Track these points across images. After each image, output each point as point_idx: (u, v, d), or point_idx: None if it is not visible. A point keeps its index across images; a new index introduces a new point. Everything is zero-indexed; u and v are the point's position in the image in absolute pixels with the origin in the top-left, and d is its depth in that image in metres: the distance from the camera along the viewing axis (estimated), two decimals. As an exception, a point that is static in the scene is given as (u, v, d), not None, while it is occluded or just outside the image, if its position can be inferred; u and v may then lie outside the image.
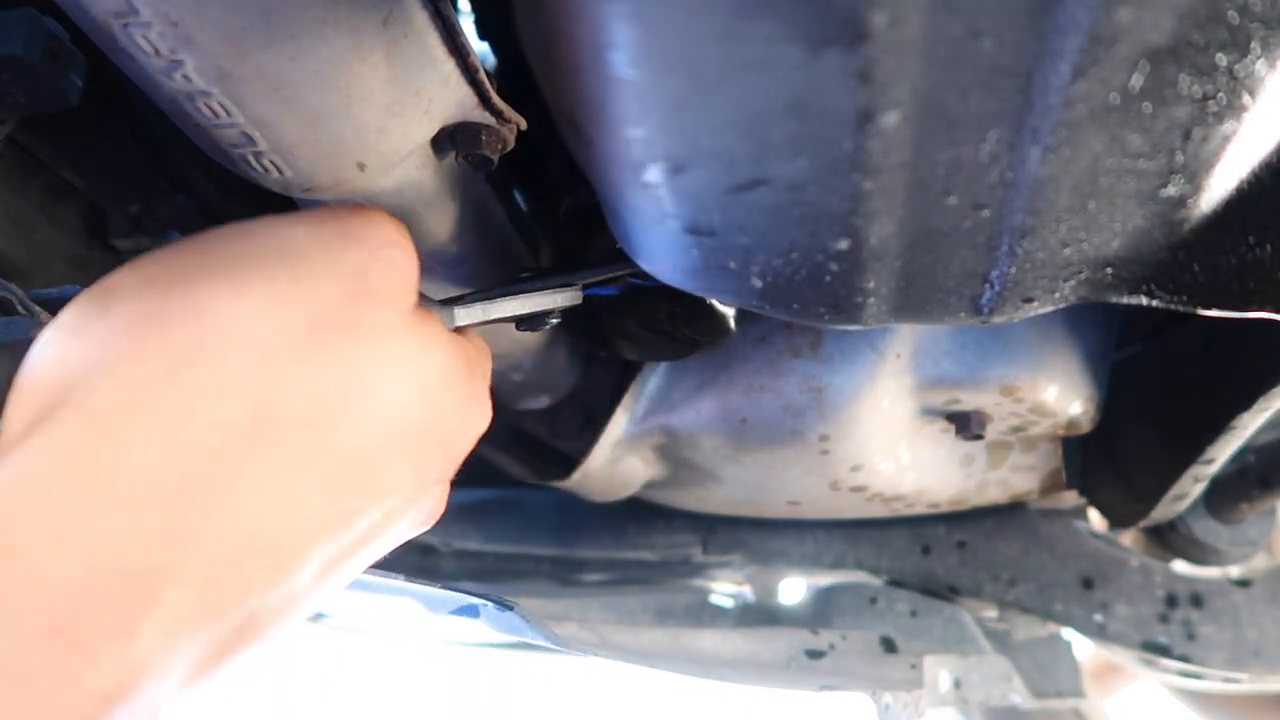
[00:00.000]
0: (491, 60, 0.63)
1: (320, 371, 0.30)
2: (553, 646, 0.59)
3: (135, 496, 0.26)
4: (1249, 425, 0.57)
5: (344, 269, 0.32)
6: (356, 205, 0.35)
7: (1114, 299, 0.37)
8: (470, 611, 0.57)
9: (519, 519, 0.94)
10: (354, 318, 0.31)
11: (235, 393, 0.28)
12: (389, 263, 0.33)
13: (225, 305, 0.29)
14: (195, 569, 0.27)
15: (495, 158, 0.41)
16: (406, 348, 0.33)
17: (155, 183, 0.56)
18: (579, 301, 0.49)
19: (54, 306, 0.43)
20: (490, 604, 0.57)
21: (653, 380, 0.69)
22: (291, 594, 0.30)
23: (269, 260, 0.30)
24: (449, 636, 0.70)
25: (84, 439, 0.26)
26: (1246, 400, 0.55)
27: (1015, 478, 0.77)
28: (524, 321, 0.46)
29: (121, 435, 0.27)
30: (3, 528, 0.24)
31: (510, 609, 0.57)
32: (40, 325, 0.31)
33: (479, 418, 0.39)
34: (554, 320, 0.47)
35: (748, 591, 0.89)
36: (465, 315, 0.40)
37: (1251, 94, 0.27)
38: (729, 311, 0.55)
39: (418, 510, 0.36)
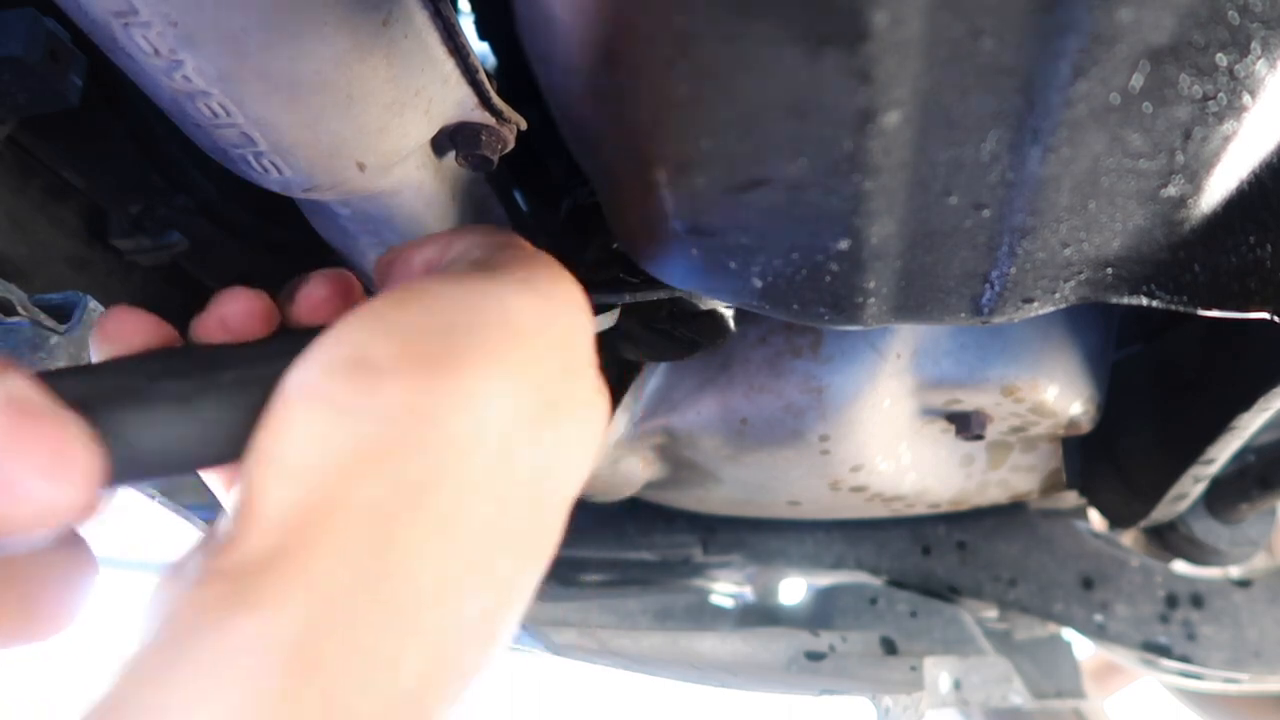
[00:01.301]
0: (491, 60, 0.63)
1: (546, 451, 0.30)
2: (553, 654, 0.59)
3: (415, 625, 0.26)
4: (1249, 425, 0.57)
5: (556, 343, 0.31)
6: (540, 255, 0.34)
7: (1114, 299, 0.37)
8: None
9: (519, 519, 0.94)
10: (566, 392, 0.31)
11: (492, 491, 0.28)
12: (582, 329, 0.33)
13: (485, 393, 0.28)
14: (453, 684, 0.27)
15: (495, 158, 0.41)
16: (599, 412, 0.33)
17: (155, 183, 0.55)
18: (614, 324, 0.50)
19: (55, 310, 0.43)
20: None
21: (653, 380, 0.69)
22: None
23: (505, 337, 0.30)
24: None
25: (373, 558, 0.25)
26: (1246, 400, 0.55)
27: (1015, 478, 0.77)
28: None
29: (407, 551, 0.26)
30: (315, 656, 0.24)
31: None
32: (285, 357, 0.29)
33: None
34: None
35: (748, 592, 0.89)
36: None
37: (1252, 94, 0.27)
38: (729, 312, 0.55)
39: None
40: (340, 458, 0.26)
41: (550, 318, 0.31)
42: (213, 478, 0.39)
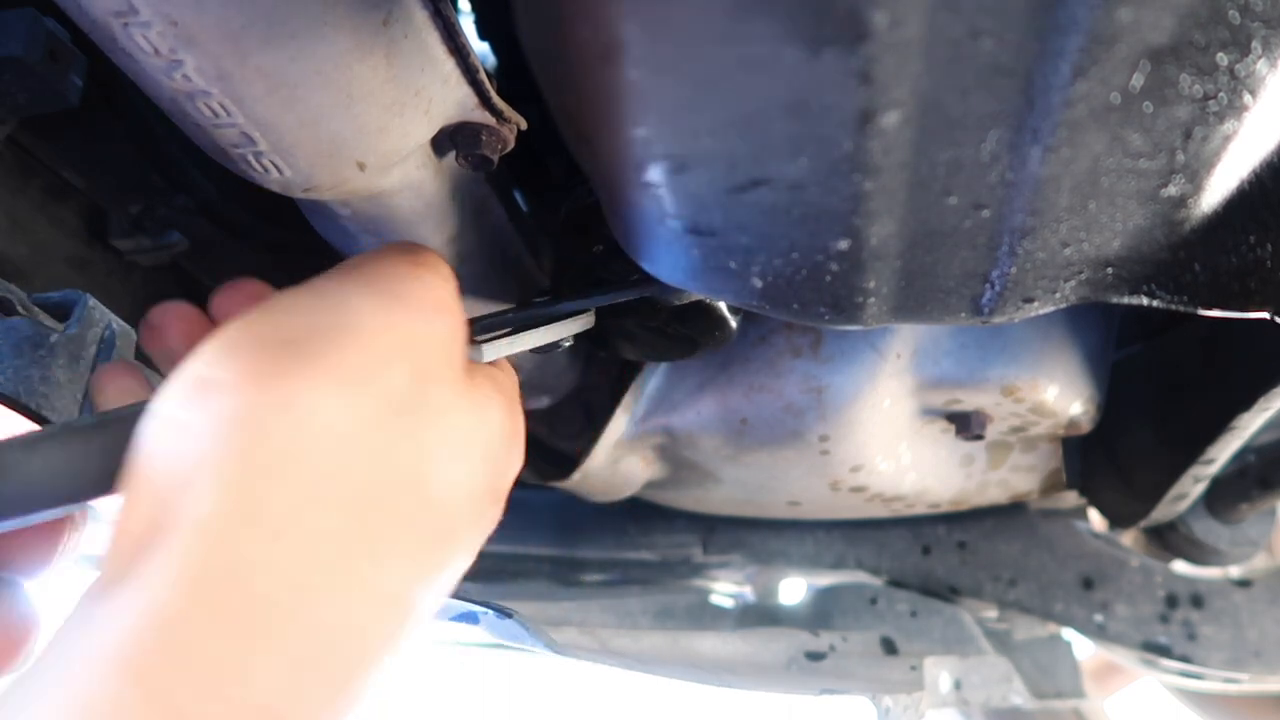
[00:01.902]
0: (491, 60, 0.63)
1: (398, 458, 0.30)
2: (552, 653, 0.59)
3: (264, 631, 0.26)
4: (1249, 425, 0.57)
5: (406, 350, 0.32)
6: (407, 255, 0.35)
7: (1114, 299, 0.37)
8: (470, 618, 0.58)
9: (519, 519, 0.94)
10: (419, 401, 0.31)
11: (333, 497, 0.28)
12: (443, 334, 0.33)
13: (315, 403, 0.29)
14: (318, 692, 0.27)
15: (495, 158, 0.41)
16: (466, 420, 0.34)
17: (155, 183, 0.55)
18: (592, 325, 0.50)
19: (55, 309, 0.43)
20: (490, 611, 0.57)
21: (653, 380, 0.69)
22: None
23: (344, 345, 0.30)
24: (449, 638, 0.70)
25: (207, 566, 0.26)
26: (1246, 400, 0.55)
27: (1015, 478, 0.77)
28: (541, 349, 0.47)
29: (241, 559, 0.26)
30: (149, 665, 0.24)
31: (510, 616, 0.57)
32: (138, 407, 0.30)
33: (520, 450, 0.39)
34: (567, 344, 0.48)
35: (748, 592, 0.89)
36: (491, 352, 0.41)
37: (1252, 94, 0.27)
38: (729, 312, 0.55)
39: (474, 548, 0.37)
40: (176, 472, 0.27)
41: (396, 321, 0.32)
42: None
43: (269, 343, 0.30)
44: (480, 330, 0.44)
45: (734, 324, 0.55)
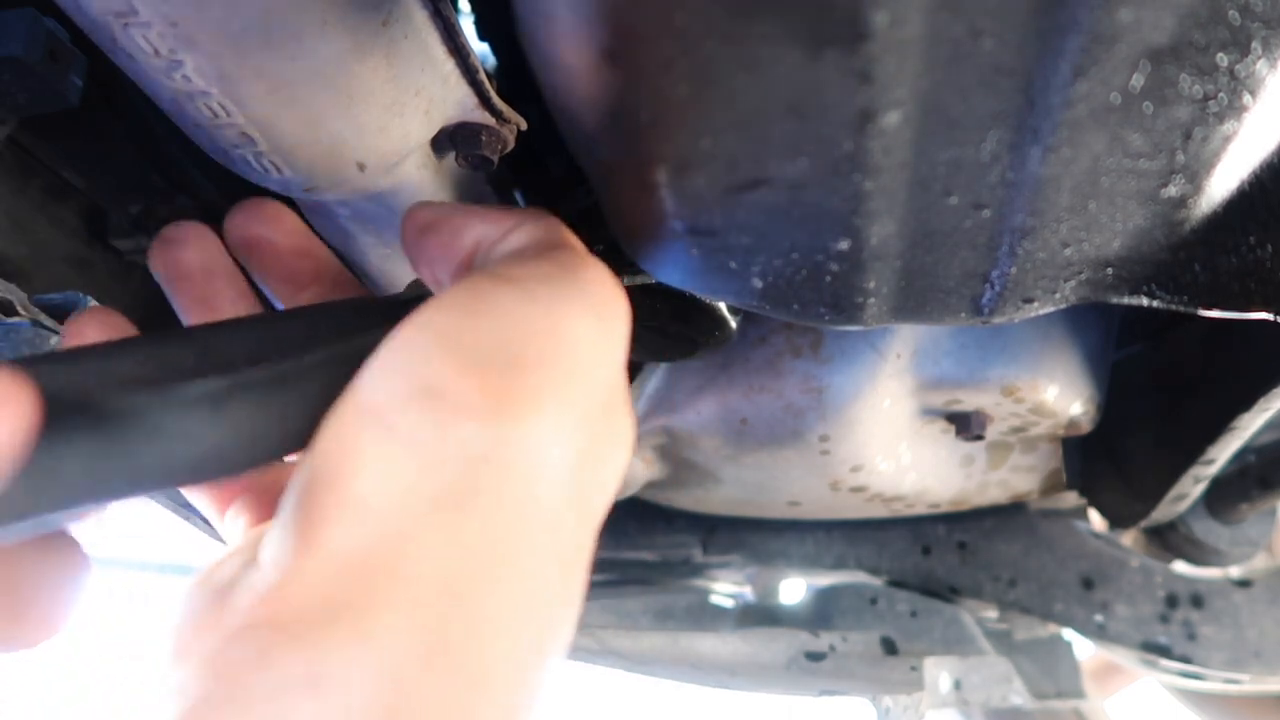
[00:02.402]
0: (491, 60, 0.63)
1: (588, 490, 0.29)
2: None
3: (486, 696, 0.24)
4: (1249, 426, 0.57)
5: (607, 376, 0.30)
6: (594, 265, 0.32)
7: (1114, 299, 0.37)
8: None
9: (519, 519, 0.94)
10: (607, 427, 0.30)
11: (552, 543, 0.27)
12: (623, 356, 0.32)
13: (551, 440, 0.27)
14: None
15: (495, 158, 0.41)
16: (629, 443, 0.32)
17: (155, 183, 0.55)
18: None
19: (55, 310, 0.43)
20: None
21: (653, 380, 0.69)
22: None
23: (568, 373, 0.28)
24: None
25: (444, 628, 0.23)
26: (1246, 400, 0.55)
27: (1015, 478, 0.77)
28: None
29: (478, 620, 0.24)
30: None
31: None
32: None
33: None
34: None
35: (748, 592, 0.89)
36: None
37: (1252, 94, 0.27)
38: (729, 312, 0.55)
39: None
40: (413, 501, 0.24)
41: (606, 347, 0.30)
42: (198, 496, 0.37)
43: (495, 358, 0.26)
44: None
45: (734, 324, 0.55)
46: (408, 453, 0.24)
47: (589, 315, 0.30)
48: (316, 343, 0.28)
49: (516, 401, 0.26)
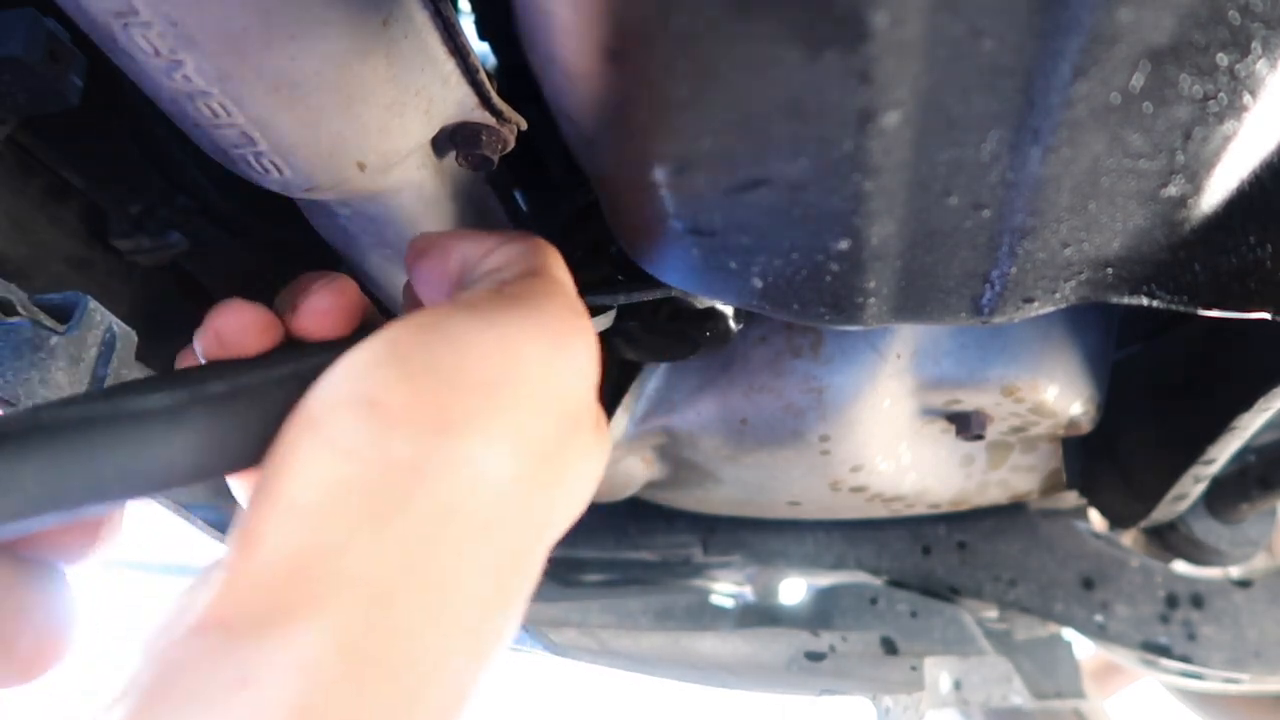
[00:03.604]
0: (491, 60, 0.63)
1: (537, 510, 0.30)
2: (553, 654, 0.59)
3: (411, 698, 0.25)
4: (1249, 426, 0.57)
5: (561, 394, 0.31)
6: (571, 302, 0.34)
7: (1114, 299, 0.37)
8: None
9: (519, 519, 0.94)
10: (563, 449, 0.31)
11: (484, 555, 0.28)
12: (589, 383, 0.33)
13: (483, 457, 0.28)
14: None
15: (495, 158, 0.41)
16: (595, 464, 0.33)
17: (155, 183, 0.55)
18: (611, 324, 0.50)
19: (55, 310, 0.43)
20: None
21: (653, 380, 0.69)
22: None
23: (513, 395, 0.29)
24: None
25: (367, 630, 0.24)
26: (1246, 400, 0.55)
27: (1015, 478, 0.77)
28: None
29: (402, 623, 0.25)
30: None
31: None
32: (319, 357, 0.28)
33: None
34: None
35: (748, 592, 0.89)
36: None
37: (1252, 94, 0.27)
38: (730, 312, 0.55)
39: None
40: (342, 507, 0.25)
41: (559, 368, 0.31)
42: (236, 483, 0.38)
43: (445, 379, 0.28)
44: None
45: (734, 325, 0.55)
46: (340, 459, 0.26)
47: (543, 341, 0.31)
48: (279, 363, 0.30)
49: (452, 416, 0.27)
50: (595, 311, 0.48)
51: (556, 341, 0.32)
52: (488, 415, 0.28)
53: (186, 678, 0.23)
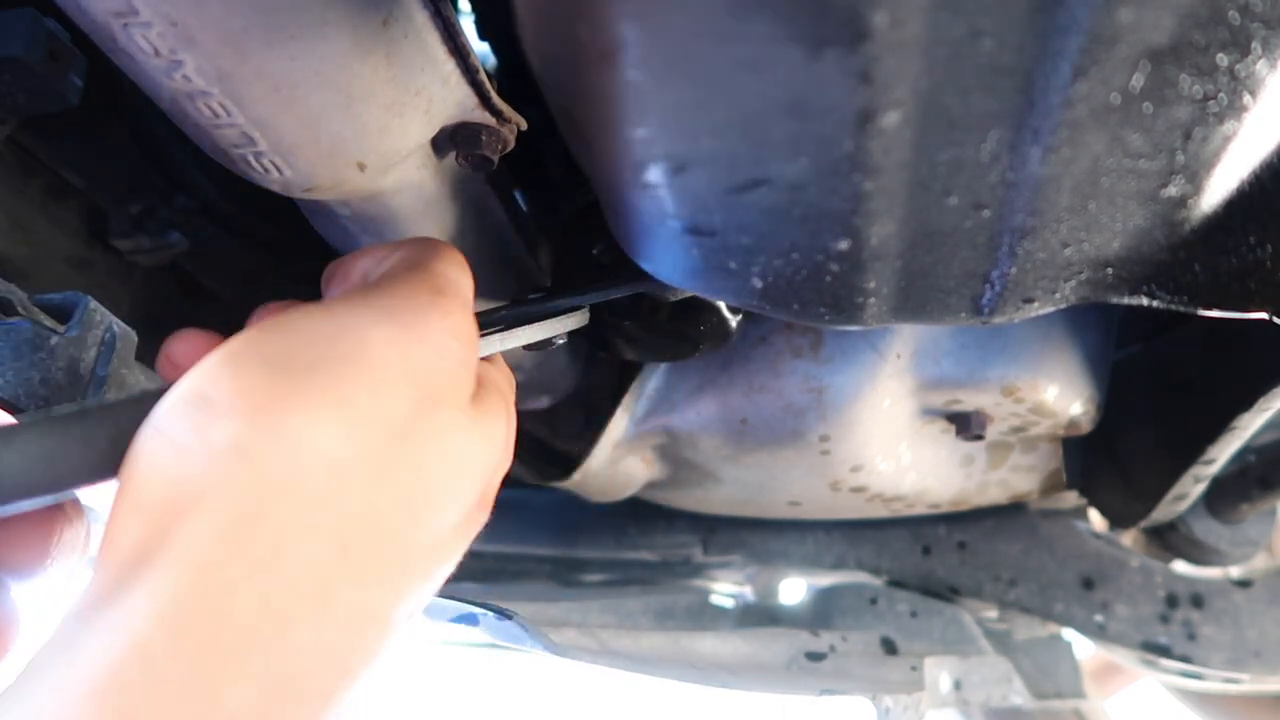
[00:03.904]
0: (491, 60, 0.63)
1: (394, 485, 0.31)
2: (553, 654, 0.59)
3: (239, 660, 0.26)
4: (1249, 426, 0.57)
5: (414, 379, 0.32)
6: (428, 283, 0.35)
7: (1114, 299, 0.37)
8: (469, 620, 0.58)
9: (519, 519, 0.94)
10: (424, 427, 0.32)
11: (322, 526, 0.28)
12: (453, 362, 0.34)
13: (309, 433, 0.29)
14: (291, 713, 0.27)
15: (495, 158, 0.41)
16: (470, 443, 0.34)
17: (155, 183, 0.55)
18: (586, 322, 0.50)
19: (55, 310, 0.43)
20: (489, 612, 0.57)
21: (653, 380, 0.69)
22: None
23: (348, 373, 0.30)
24: (448, 638, 0.70)
25: (192, 599, 0.26)
26: (1246, 400, 0.55)
27: (1015, 478, 0.77)
28: (534, 346, 0.48)
29: (225, 591, 0.26)
30: (126, 700, 0.24)
31: (509, 618, 0.57)
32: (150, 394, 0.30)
33: (511, 452, 0.39)
34: (561, 341, 0.48)
35: (748, 592, 0.89)
36: (485, 347, 0.41)
37: (1252, 94, 0.27)
38: (730, 312, 0.55)
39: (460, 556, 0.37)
40: (172, 494, 0.27)
41: (407, 353, 0.32)
42: None
43: (275, 365, 0.30)
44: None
45: (734, 324, 0.55)
46: (172, 455, 0.28)
47: (388, 323, 0.32)
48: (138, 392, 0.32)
49: (278, 401, 0.29)
50: (567, 310, 0.48)
51: (405, 321, 0.33)
52: (314, 394, 0.29)
53: (44, 656, 0.26)
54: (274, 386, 0.29)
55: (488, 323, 0.45)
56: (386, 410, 0.31)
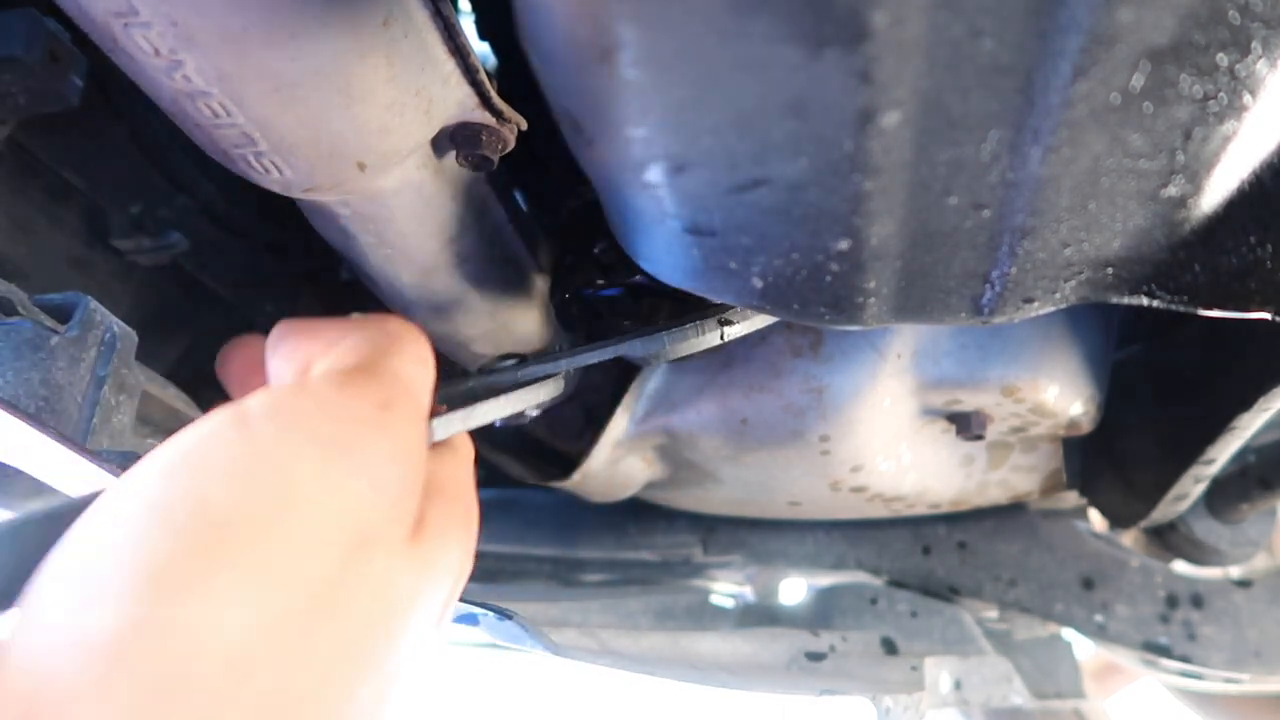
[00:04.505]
0: (491, 60, 0.63)
1: (316, 658, 0.27)
2: (553, 654, 0.59)
3: None
4: (1249, 426, 0.57)
5: (344, 519, 0.29)
6: (375, 391, 0.32)
7: (1114, 299, 0.37)
8: (470, 620, 0.58)
9: (519, 519, 0.94)
10: (351, 577, 0.28)
11: (241, 699, 0.25)
12: (391, 495, 0.31)
13: (210, 617, 0.25)
14: None
15: (495, 158, 0.41)
16: (410, 582, 0.31)
17: (155, 183, 0.55)
18: (560, 392, 0.47)
19: (55, 310, 0.43)
20: (490, 613, 0.57)
21: (653, 380, 0.69)
22: None
23: (265, 528, 0.27)
24: (448, 638, 0.70)
25: None
26: (1246, 401, 0.55)
27: (1016, 478, 0.77)
28: (506, 420, 0.44)
29: None
30: None
31: (509, 617, 0.57)
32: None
33: (471, 551, 0.36)
34: (534, 413, 0.45)
35: (748, 592, 0.89)
36: (443, 429, 0.37)
37: (1252, 94, 0.27)
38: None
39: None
40: (38, 690, 0.24)
41: (338, 485, 0.29)
42: None
43: (180, 519, 0.26)
44: (439, 399, 0.39)
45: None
46: (42, 637, 0.24)
47: (316, 455, 0.29)
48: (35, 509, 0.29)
49: (176, 575, 0.25)
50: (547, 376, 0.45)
51: (342, 447, 0.29)
52: (222, 562, 0.26)
53: None
54: (175, 551, 0.25)
55: (450, 398, 0.41)
56: (309, 569, 0.27)
